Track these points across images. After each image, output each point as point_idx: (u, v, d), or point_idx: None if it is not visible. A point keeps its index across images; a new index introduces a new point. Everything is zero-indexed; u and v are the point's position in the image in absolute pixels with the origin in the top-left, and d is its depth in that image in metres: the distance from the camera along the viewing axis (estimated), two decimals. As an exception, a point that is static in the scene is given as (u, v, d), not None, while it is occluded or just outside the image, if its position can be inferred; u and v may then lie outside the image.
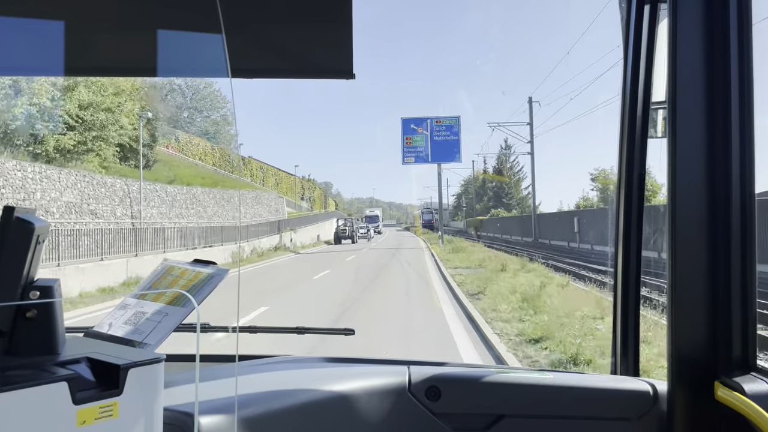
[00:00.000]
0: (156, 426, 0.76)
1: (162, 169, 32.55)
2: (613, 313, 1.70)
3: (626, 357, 1.63)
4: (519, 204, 62.95)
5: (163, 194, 28.80)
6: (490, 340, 8.79)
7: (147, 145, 29.73)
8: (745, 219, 1.28)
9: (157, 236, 22.74)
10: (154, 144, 31.78)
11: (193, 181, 33.69)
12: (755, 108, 1.28)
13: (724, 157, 1.28)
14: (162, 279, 1.05)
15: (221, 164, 45.47)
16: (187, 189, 31.72)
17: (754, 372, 1.26)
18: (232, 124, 51.13)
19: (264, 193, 45.09)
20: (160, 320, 0.94)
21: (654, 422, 1.42)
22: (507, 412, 1.47)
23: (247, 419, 1.24)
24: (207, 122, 51.46)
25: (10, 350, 0.74)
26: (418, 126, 39.58)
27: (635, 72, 1.55)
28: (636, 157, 1.57)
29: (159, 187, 28.67)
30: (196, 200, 32.33)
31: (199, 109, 51.59)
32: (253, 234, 31.77)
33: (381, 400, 1.45)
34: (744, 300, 1.28)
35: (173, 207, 29.49)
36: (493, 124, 44.96)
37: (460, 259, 23.74)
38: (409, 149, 39.56)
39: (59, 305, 0.78)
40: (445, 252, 28.71)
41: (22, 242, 0.75)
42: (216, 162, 45.12)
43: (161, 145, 35.56)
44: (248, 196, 40.46)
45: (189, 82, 49.71)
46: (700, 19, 1.30)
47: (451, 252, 28.19)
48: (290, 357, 1.81)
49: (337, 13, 1.26)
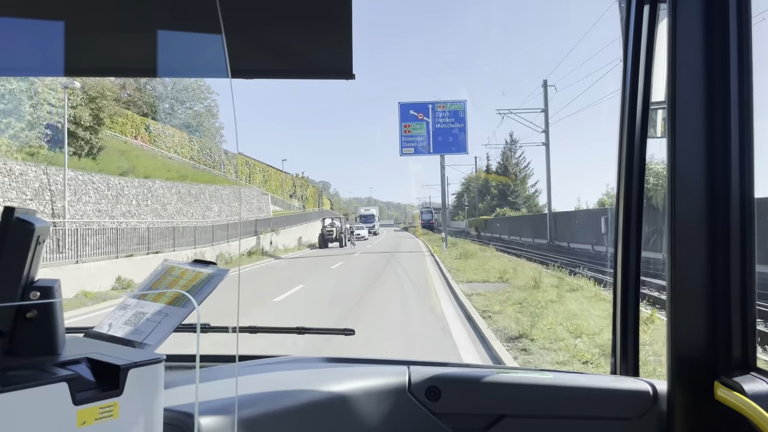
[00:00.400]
0: (156, 426, 0.76)
1: (112, 158, 25.96)
2: (612, 313, 1.70)
3: (626, 357, 1.63)
4: (526, 203, 59.11)
5: (103, 187, 22.56)
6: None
7: (89, 128, 24.25)
8: (745, 218, 1.28)
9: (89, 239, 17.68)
10: (98, 127, 25.33)
11: (154, 174, 27.96)
12: (755, 108, 1.28)
13: (724, 157, 1.28)
14: (162, 279, 1.05)
15: (201, 158, 41.00)
16: (140, 182, 25.62)
17: (753, 372, 1.26)
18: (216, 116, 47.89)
19: (245, 189, 41.37)
20: (160, 320, 0.94)
21: (654, 422, 1.42)
22: (507, 412, 1.47)
23: (247, 419, 1.24)
24: (189, 114, 46.89)
25: (11, 350, 0.74)
26: (418, 112, 34.10)
27: (635, 72, 1.55)
28: (635, 156, 1.57)
29: (98, 178, 22.45)
30: (153, 195, 26.50)
31: (181, 100, 46.92)
32: (222, 236, 27.26)
33: (381, 401, 1.45)
34: (743, 299, 1.28)
35: (118, 204, 23.58)
36: (504, 110, 38.92)
37: (473, 268, 18.84)
38: (407, 139, 34.22)
39: (59, 306, 0.78)
40: (451, 258, 23.86)
41: (22, 243, 0.75)
42: (195, 155, 40.32)
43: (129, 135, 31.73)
44: (224, 192, 35.38)
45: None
46: (700, 19, 1.30)
47: (459, 258, 23.41)
48: (290, 357, 1.82)
49: (336, 13, 1.26)
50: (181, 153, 38.45)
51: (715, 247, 1.30)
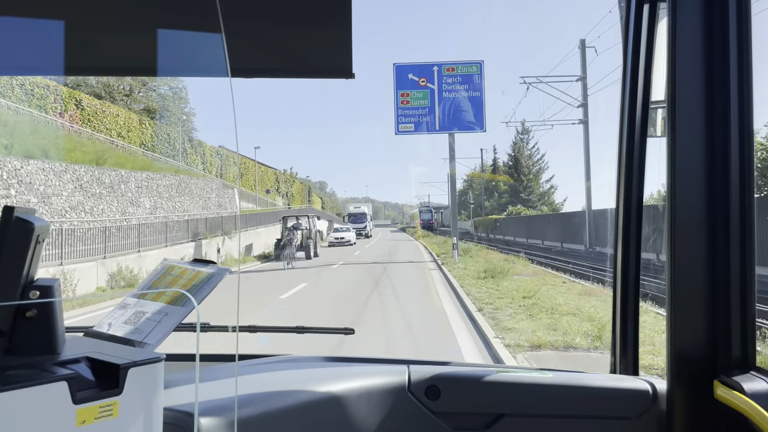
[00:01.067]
0: (156, 426, 0.76)
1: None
2: (612, 312, 1.70)
3: (625, 356, 1.64)
4: (540, 200, 52.59)
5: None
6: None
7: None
8: (745, 218, 1.28)
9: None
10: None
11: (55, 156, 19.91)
12: (754, 107, 1.28)
13: (724, 156, 1.28)
14: (162, 278, 1.05)
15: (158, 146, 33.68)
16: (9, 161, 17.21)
17: (753, 371, 1.26)
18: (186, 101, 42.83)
19: (197, 180, 31.74)
20: (160, 320, 0.94)
21: (653, 421, 1.42)
22: (506, 411, 1.47)
23: (247, 419, 1.24)
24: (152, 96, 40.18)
25: (10, 350, 0.74)
26: (419, 77, 25.34)
27: (634, 71, 1.55)
28: (635, 156, 1.57)
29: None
30: (21, 180, 17.69)
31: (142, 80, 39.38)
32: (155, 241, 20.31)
33: (381, 400, 1.45)
34: (743, 298, 1.28)
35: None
36: (530, 78, 29.70)
37: (516, 299, 11.28)
38: (405, 111, 25.25)
39: (59, 305, 0.78)
40: (470, 276, 15.41)
41: (22, 242, 0.75)
42: (147, 141, 32.71)
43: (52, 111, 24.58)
44: (162, 181, 26.86)
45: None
46: (700, 19, 1.30)
47: (483, 277, 14.87)
48: (290, 356, 1.82)
49: (336, 12, 1.26)
50: (127, 137, 30.81)
51: (715, 246, 1.30)
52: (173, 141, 35.87)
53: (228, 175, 41.80)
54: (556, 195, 54.76)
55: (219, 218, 27.96)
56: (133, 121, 31.78)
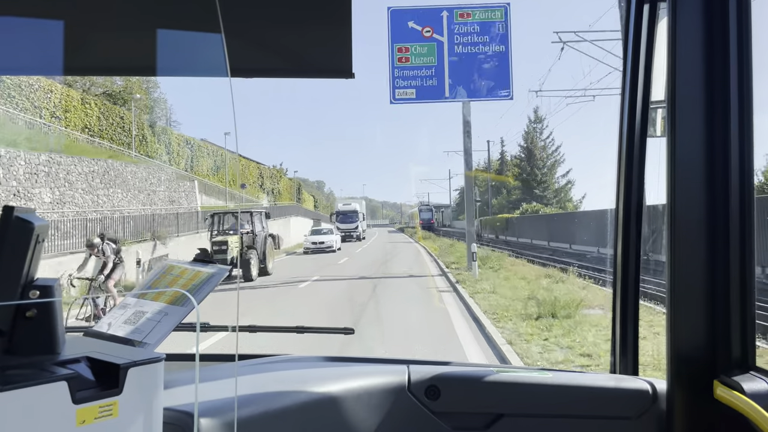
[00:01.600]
0: (156, 426, 0.76)
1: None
2: (612, 312, 1.70)
3: (625, 356, 1.64)
4: (556, 197, 46.31)
5: None
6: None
7: None
8: (745, 218, 1.28)
9: None
10: None
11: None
12: (755, 107, 1.28)
13: (724, 156, 1.28)
14: (162, 278, 1.05)
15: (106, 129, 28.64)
16: None
17: (753, 371, 1.26)
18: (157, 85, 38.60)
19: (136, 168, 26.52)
20: (160, 319, 0.94)
21: (653, 421, 1.42)
22: (506, 411, 1.47)
23: (247, 419, 1.24)
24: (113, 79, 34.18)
25: (10, 350, 0.74)
26: (423, 25, 18.60)
27: (635, 71, 1.55)
28: (635, 156, 1.57)
29: None
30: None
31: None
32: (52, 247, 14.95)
33: (380, 400, 1.45)
34: (743, 298, 1.28)
35: None
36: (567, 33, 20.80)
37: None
38: (404, 72, 18.52)
39: (59, 305, 0.78)
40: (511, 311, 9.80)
41: (21, 242, 0.75)
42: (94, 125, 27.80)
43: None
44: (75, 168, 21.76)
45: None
46: (700, 18, 1.30)
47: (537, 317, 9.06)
48: (290, 356, 1.82)
49: (336, 12, 1.26)
50: (66, 118, 25.99)
51: (714, 246, 1.30)
52: (126, 124, 30.81)
53: (200, 168, 37.28)
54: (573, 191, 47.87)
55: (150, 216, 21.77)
56: (72, 99, 26.84)
